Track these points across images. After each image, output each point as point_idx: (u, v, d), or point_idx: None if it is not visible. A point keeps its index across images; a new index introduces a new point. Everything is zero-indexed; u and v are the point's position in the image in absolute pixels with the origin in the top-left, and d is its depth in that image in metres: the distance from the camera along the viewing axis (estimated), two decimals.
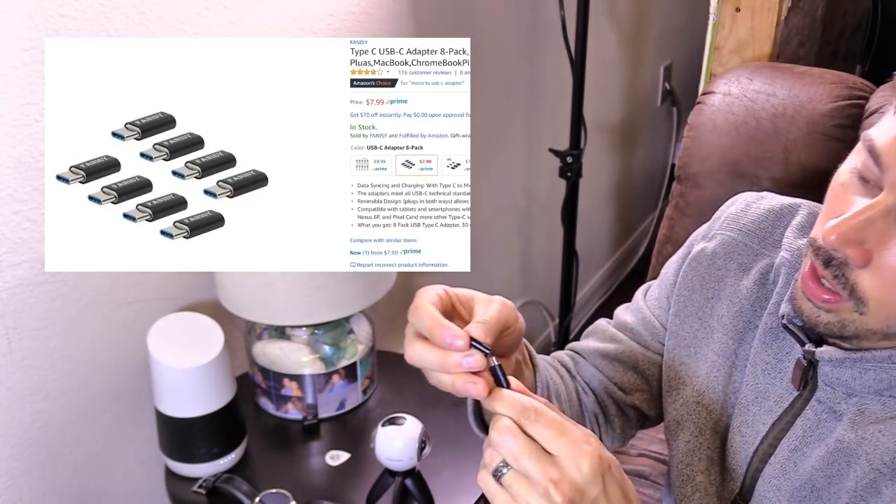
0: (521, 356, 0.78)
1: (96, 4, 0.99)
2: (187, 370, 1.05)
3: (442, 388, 0.65)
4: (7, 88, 0.93)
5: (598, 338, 0.92)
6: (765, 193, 0.87)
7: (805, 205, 0.83)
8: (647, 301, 0.92)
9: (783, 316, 0.74)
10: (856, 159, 0.66)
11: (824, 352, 0.70)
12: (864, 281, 0.63)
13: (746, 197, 0.87)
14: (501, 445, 0.59)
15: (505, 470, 0.59)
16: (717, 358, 0.82)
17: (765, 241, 0.83)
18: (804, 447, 0.73)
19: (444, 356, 0.63)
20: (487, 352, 0.63)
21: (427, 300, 0.65)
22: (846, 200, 0.65)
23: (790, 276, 0.78)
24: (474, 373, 0.62)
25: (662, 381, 0.87)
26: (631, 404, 0.89)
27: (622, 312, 0.93)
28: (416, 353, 0.64)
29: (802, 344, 0.72)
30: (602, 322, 0.94)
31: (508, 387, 0.63)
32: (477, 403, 0.81)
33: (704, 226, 0.89)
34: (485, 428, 0.81)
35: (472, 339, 0.63)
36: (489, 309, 0.67)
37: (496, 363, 0.63)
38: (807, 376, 0.73)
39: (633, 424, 0.92)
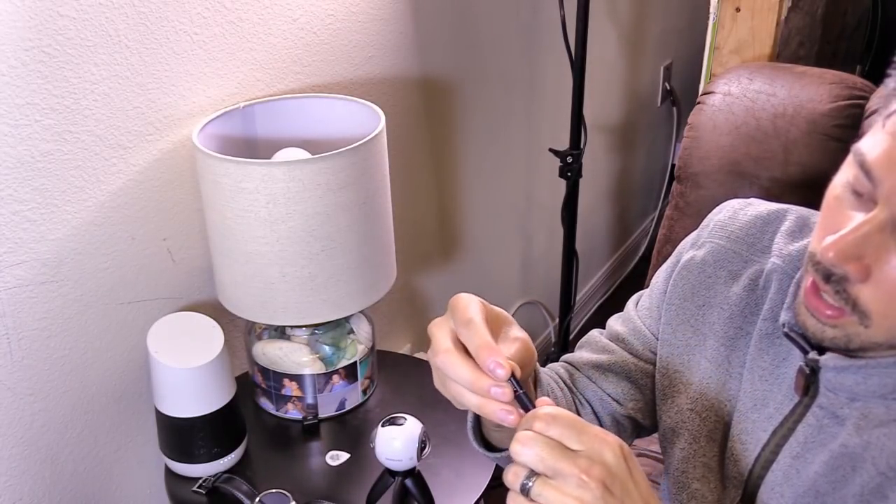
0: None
1: (96, 4, 0.99)
2: (187, 370, 1.05)
3: (459, 399, 0.65)
4: (7, 88, 0.93)
5: (591, 349, 0.92)
6: (752, 200, 0.87)
7: (792, 210, 0.84)
8: (638, 311, 0.92)
9: (784, 324, 0.74)
10: (848, 173, 0.66)
11: (828, 359, 0.70)
12: (866, 295, 0.63)
13: (734, 204, 0.87)
14: (523, 453, 0.59)
15: (530, 483, 0.59)
16: (709, 365, 0.82)
17: (753, 247, 0.83)
18: (806, 453, 0.72)
19: (477, 378, 0.62)
20: (520, 391, 0.63)
21: (477, 314, 0.64)
22: (842, 215, 0.65)
23: (783, 281, 0.78)
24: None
25: (656, 390, 0.87)
26: (626, 414, 0.89)
27: (614, 322, 0.94)
28: (449, 361, 0.64)
29: (805, 352, 0.72)
30: (595, 333, 0.94)
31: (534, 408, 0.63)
32: (477, 418, 0.80)
33: (693, 234, 0.89)
34: (483, 442, 0.81)
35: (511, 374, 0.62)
36: (512, 347, 0.67)
37: (521, 391, 0.63)
38: (808, 382, 0.73)
39: (629, 434, 0.92)
